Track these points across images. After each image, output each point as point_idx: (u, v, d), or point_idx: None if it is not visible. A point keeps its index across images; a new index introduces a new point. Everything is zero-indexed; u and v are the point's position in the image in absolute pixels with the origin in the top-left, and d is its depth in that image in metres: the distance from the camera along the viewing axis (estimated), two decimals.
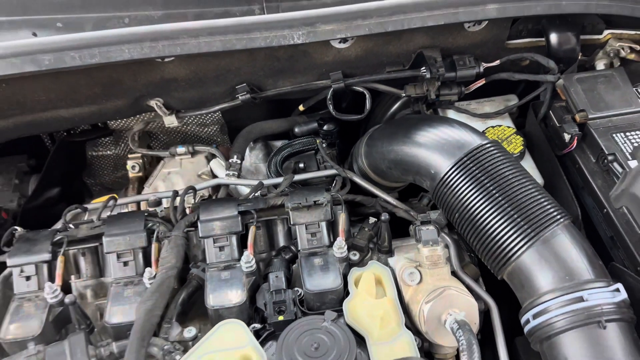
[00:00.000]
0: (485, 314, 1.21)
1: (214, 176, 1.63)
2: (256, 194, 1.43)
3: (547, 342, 1.08)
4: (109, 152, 1.95)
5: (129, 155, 1.75)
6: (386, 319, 1.14)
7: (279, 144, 1.73)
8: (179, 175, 1.63)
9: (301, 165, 1.63)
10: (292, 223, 1.32)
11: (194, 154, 1.66)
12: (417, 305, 1.17)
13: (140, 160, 1.72)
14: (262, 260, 1.36)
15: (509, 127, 1.55)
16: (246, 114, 1.75)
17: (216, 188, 1.54)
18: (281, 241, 1.40)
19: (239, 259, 1.25)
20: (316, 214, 1.32)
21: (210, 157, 1.67)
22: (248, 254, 1.24)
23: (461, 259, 1.30)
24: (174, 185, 1.59)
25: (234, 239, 1.29)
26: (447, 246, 1.27)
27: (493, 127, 1.55)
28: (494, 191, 1.17)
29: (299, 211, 1.32)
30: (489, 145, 1.24)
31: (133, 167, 1.72)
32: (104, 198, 1.45)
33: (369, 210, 1.46)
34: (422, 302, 1.16)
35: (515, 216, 1.13)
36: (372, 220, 1.39)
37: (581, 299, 1.05)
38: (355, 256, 1.32)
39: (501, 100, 1.67)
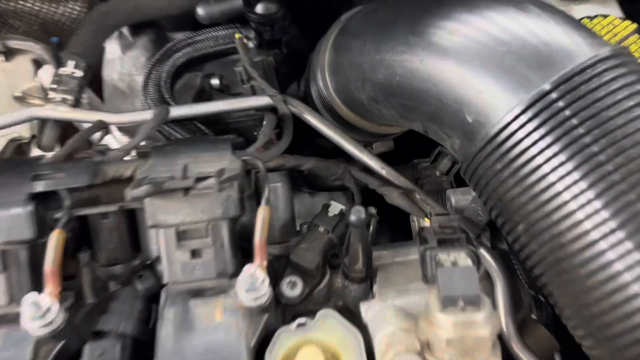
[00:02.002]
0: None
1: None
2: (99, 150, 0.69)
3: None
4: None
5: None
6: None
7: (180, 36, 0.94)
8: None
9: (215, 81, 0.88)
10: (150, 223, 0.59)
11: (9, 54, 0.88)
12: None
13: None
14: None
15: (619, 18, 0.78)
16: None
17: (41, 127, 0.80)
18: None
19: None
20: (204, 206, 0.59)
21: (42, 62, 0.90)
22: (42, 295, 0.53)
23: (516, 305, 0.61)
24: None
25: (22, 255, 0.58)
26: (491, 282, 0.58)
27: (590, 19, 0.78)
28: (614, 176, 0.46)
29: (165, 199, 0.59)
30: (610, 58, 0.51)
31: None
32: None
33: (331, 182, 0.73)
34: None
35: None
36: (334, 209, 0.67)
37: None
38: (294, 288, 0.63)
39: None
